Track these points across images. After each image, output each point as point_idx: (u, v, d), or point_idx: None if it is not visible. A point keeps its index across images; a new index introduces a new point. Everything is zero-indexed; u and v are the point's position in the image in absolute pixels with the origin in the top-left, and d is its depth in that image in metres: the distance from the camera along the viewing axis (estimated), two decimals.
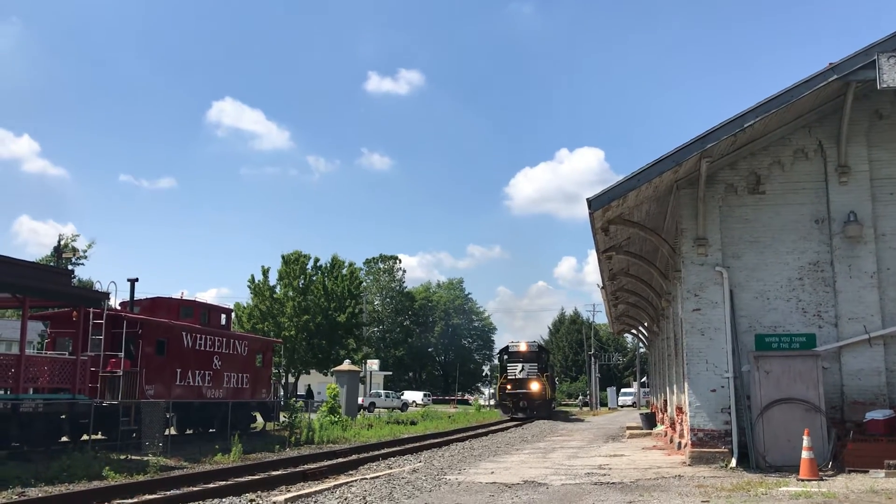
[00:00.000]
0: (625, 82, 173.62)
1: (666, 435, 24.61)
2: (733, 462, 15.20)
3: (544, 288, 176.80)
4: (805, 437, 13.53)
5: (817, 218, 16.17)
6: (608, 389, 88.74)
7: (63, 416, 19.40)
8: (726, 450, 15.53)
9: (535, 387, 47.97)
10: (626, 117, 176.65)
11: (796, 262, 16.13)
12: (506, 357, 52.15)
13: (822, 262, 16.03)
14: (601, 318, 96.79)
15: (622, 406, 79.99)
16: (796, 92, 14.70)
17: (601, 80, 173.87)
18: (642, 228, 17.99)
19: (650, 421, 31.56)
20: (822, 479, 13.09)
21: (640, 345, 58.00)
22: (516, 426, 39.19)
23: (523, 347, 51.39)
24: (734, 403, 15.63)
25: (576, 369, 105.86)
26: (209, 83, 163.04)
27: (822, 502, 10.79)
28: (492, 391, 75.39)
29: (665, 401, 27.58)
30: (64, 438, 20.21)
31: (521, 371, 49.25)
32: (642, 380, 67.29)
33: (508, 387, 48.78)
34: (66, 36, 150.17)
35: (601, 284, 26.63)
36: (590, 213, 15.56)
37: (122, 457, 18.15)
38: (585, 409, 78.00)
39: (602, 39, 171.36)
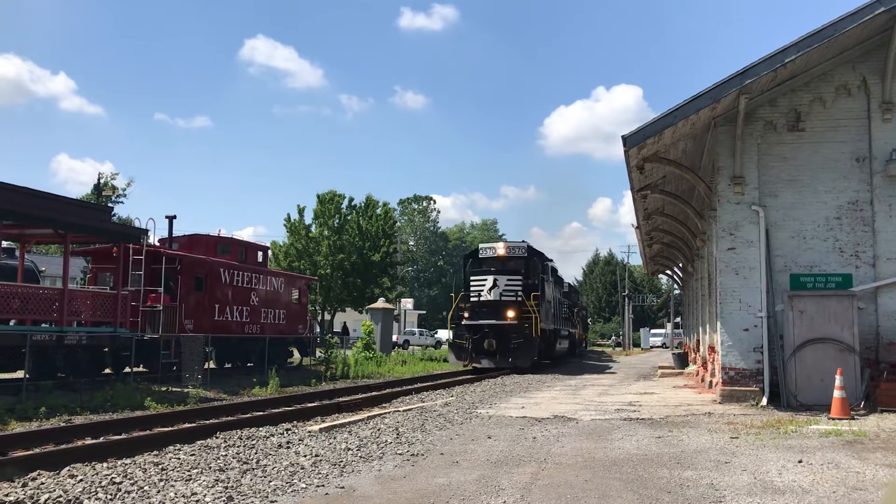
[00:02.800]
0: (665, 16, 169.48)
1: (697, 374, 24.69)
2: (764, 401, 15.25)
3: (578, 229, 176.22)
4: (837, 377, 13.50)
5: (858, 156, 15.84)
6: (641, 330, 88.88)
7: (105, 349, 19.97)
8: (757, 388, 15.56)
9: (511, 315, 29.59)
10: (666, 53, 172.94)
11: (835, 201, 15.87)
12: (469, 265, 32.82)
13: (862, 201, 15.76)
14: (635, 260, 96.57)
15: (653, 347, 80.00)
16: (840, 26, 14.29)
17: (640, 14, 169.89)
18: (678, 166, 17.78)
19: (682, 361, 31.62)
20: (854, 419, 13.10)
21: (675, 286, 56.64)
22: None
23: (500, 251, 32.31)
24: (766, 343, 15.60)
25: (609, 310, 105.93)
26: (241, 20, 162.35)
27: (853, 440, 10.82)
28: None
29: (697, 341, 27.60)
30: (107, 370, 20.83)
31: (490, 290, 30.30)
32: (676, 320, 66.79)
33: (465, 315, 30.39)
34: None
35: (636, 224, 26.48)
36: (625, 151, 15.41)
37: (163, 388, 18.68)
38: (618, 349, 78.31)
39: None
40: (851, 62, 15.92)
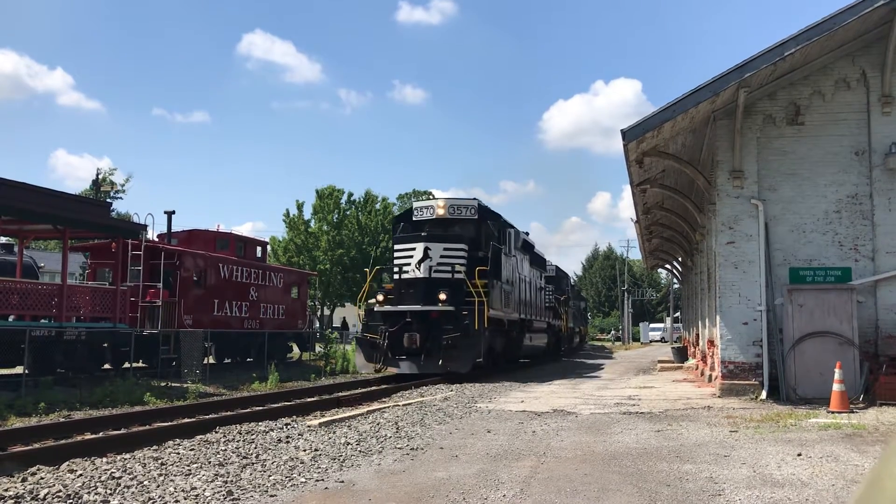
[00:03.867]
0: (663, 9, 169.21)
1: (697, 368, 24.70)
2: (763, 394, 15.26)
3: (578, 223, 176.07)
4: (837, 370, 13.50)
5: (857, 150, 15.83)
6: (641, 325, 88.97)
7: (105, 344, 19.98)
8: (756, 382, 15.57)
9: (444, 298, 21.45)
10: (664, 47, 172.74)
11: (834, 194, 15.86)
12: (400, 231, 24.65)
13: (861, 194, 15.75)
14: (635, 254, 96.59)
15: (652, 342, 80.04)
16: (840, 19, 14.25)
17: (639, 7, 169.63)
18: (677, 160, 17.76)
19: (682, 355, 31.65)
20: (853, 412, 13.11)
21: (674, 280, 56.48)
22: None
23: (439, 209, 23.75)
24: (766, 336, 15.60)
25: (609, 305, 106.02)
26: (239, 15, 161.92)
27: (852, 433, 10.83)
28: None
29: (697, 335, 27.61)
30: (106, 366, 20.84)
31: (419, 262, 22.20)
32: (676, 314, 66.81)
33: (380, 299, 22.56)
34: None
35: (635, 218, 26.46)
36: (624, 145, 15.38)
37: (163, 384, 18.69)
38: (618, 343, 78.39)
39: None
40: (851, 55, 15.89)
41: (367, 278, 24.12)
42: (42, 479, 7.50)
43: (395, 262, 22.70)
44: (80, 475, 7.63)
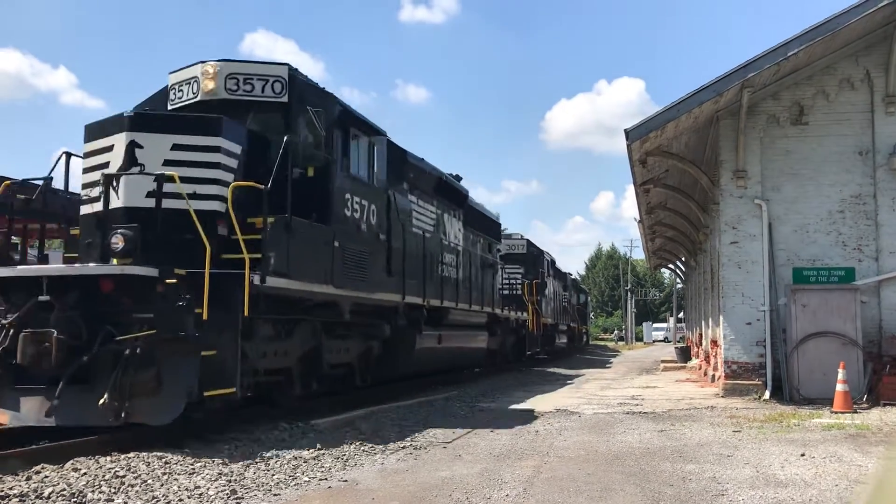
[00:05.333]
0: (666, 8, 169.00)
1: (700, 368, 24.69)
2: (766, 394, 15.24)
3: (581, 223, 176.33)
4: (840, 370, 13.49)
5: (861, 150, 15.80)
6: (644, 324, 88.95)
7: None
8: (760, 382, 15.56)
9: (120, 245, 9.09)
10: (668, 46, 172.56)
11: (838, 194, 15.84)
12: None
13: (865, 194, 15.72)
14: (638, 254, 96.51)
15: (655, 341, 79.97)
16: (844, 19, 14.24)
17: (642, 5, 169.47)
18: (681, 160, 17.76)
19: (685, 354, 31.66)
20: (857, 412, 13.10)
21: (677, 280, 56.29)
22: None
23: (208, 83, 11.48)
24: (769, 337, 15.59)
25: (612, 304, 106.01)
26: (241, 14, 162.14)
27: (855, 433, 10.83)
28: None
29: (700, 335, 27.60)
30: None
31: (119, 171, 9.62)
32: (679, 314, 66.71)
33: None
34: None
35: (638, 218, 26.48)
36: (627, 145, 15.39)
37: None
38: (621, 343, 78.41)
39: None
40: (855, 55, 15.87)
41: None
42: (46, 477, 7.52)
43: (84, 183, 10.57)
44: (85, 474, 7.65)
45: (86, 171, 10.51)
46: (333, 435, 10.66)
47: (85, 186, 10.51)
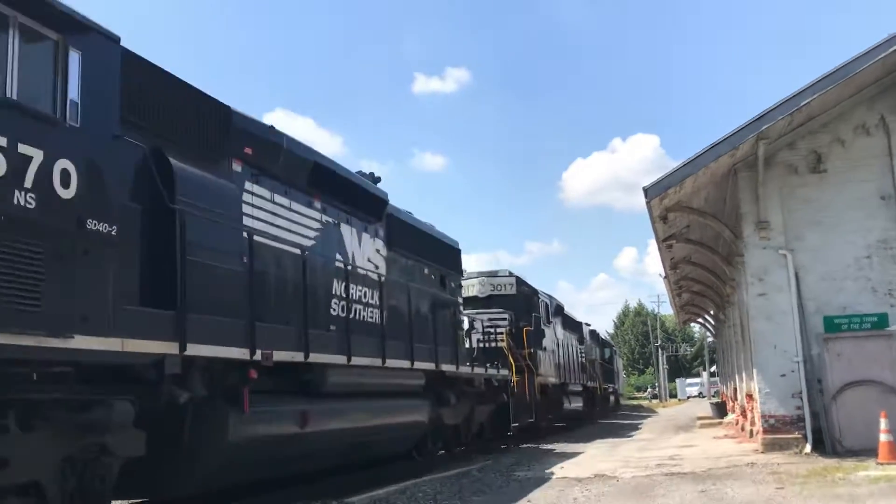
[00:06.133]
0: (675, 65, 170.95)
1: (737, 423, 24.21)
2: (808, 448, 14.88)
3: (606, 280, 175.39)
4: (882, 420, 13.17)
5: (883, 194, 15.70)
6: (677, 381, 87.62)
7: None
8: (800, 435, 15.21)
9: None
10: (679, 101, 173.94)
11: (863, 240, 15.70)
12: None
13: (891, 238, 15.57)
14: (666, 309, 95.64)
15: (690, 397, 78.63)
16: (855, 66, 14.35)
17: (651, 65, 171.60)
18: (701, 214, 17.75)
19: (721, 410, 31.11)
20: None
21: (708, 334, 55.38)
22: None
23: None
24: (805, 388, 15.28)
25: (643, 362, 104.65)
26: (258, 97, 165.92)
27: None
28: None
29: (735, 389, 27.13)
30: None
31: None
32: (712, 368, 65.53)
33: None
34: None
35: (663, 274, 26.33)
36: (647, 202, 15.43)
37: None
38: (655, 401, 77.17)
39: (648, 23, 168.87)
40: (868, 101, 15.92)
41: None
42: None
43: None
44: None
45: None
46: None
47: None
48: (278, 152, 10.87)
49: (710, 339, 55.17)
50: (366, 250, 13.28)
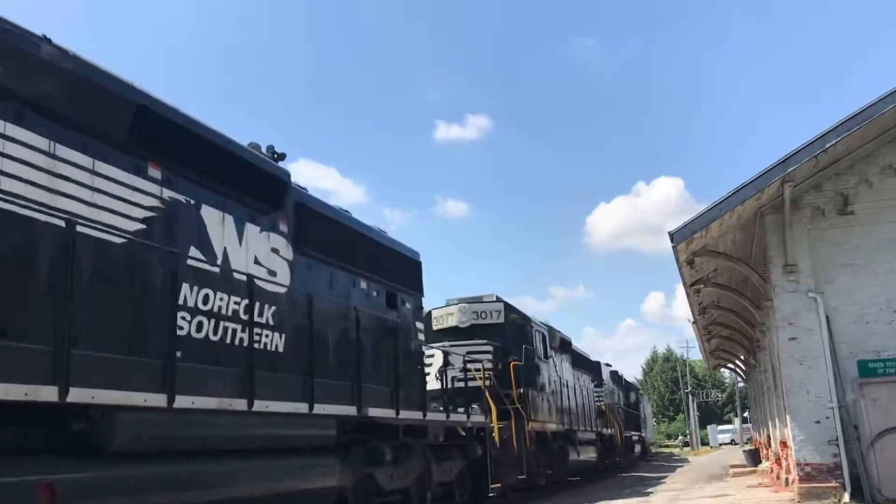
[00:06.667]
0: (697, 107, 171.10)
1: (772, 471, 23.63)
2: (846, 497, 14.44)
3: (633, 326, 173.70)
4: None
5: None
6: (708, 427, 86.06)
7: None
8: (837, 484, 14.78)
9: None
10: (702, 142, 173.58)
11: (895, 282, 15.43)
12: None
13: None
14: (695, 354, 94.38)
15: (722, 444, 77.13)
16: (879, 107, 14.25)
17: (672, 107, 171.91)
18: (728, 258, 17.57)
19: (754, 457, 30.42)
20: None
21: (739, 379, 54.26)
22: None
23: None
24: (841, 434, 14.89)
25: (673, 409, 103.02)
26: (283, 149, 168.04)
27: None
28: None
29: (768, 435, 26.56)
30: None
31: None
32: (744, 414, 64.18)
33: None
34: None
35: (692, 319, 26.01)
36: (673, 247, 15.32)
37: None
38: (686, 448, 75.76)
39: (669, 66, 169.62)
40: (894, 141, 15.79)
41: None
42: None
43: None
44: None
45: None
46: None
47: None
48: (63, 77, 6.63)
49: (741, 385, 54.09)
50: (252, 248, 9.17)
